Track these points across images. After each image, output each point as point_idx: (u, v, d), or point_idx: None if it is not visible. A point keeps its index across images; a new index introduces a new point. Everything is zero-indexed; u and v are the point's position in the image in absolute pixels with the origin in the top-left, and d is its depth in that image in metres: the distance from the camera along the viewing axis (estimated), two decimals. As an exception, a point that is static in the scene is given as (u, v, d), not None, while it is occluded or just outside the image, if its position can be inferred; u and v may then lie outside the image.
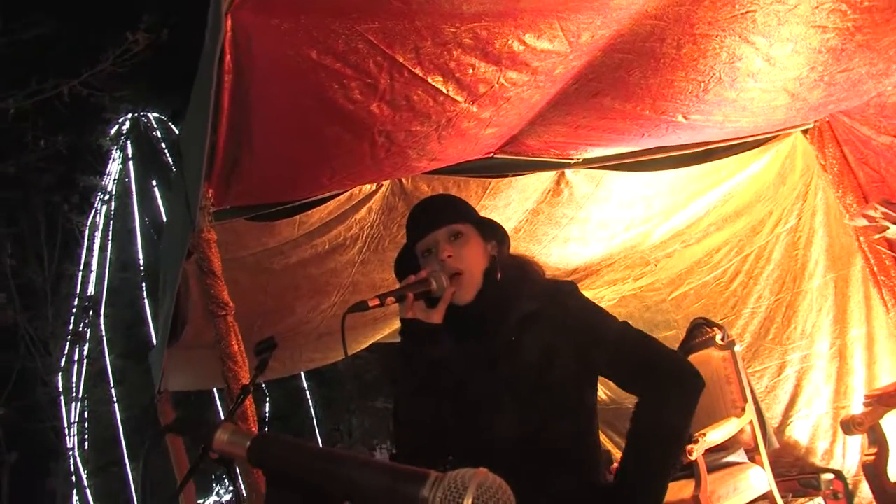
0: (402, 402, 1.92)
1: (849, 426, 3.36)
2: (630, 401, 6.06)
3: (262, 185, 3.10)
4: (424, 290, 1.85)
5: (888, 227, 3.53)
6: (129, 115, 16.25)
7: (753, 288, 5.04)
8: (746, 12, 2.71)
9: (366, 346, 5.82)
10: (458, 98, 2.78)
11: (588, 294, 5.90)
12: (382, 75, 2.52)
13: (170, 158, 15.82)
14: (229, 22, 2.19)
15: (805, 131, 4.45)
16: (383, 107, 2.68)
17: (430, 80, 2.62)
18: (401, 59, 2.48)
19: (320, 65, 2.39)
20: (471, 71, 2.65)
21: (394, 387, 1.97)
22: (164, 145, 16.52)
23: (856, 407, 4.06)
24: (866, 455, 3.45)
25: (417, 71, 2.55)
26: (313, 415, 17.53)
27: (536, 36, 2.59)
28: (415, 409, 1.89)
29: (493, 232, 2.00)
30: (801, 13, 2.77)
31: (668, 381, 1.83)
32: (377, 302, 1.79)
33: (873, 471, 3.37)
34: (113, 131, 15.91)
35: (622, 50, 2.85)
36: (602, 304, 5.99)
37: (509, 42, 2.57)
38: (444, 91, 2.70)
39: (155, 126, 16.91)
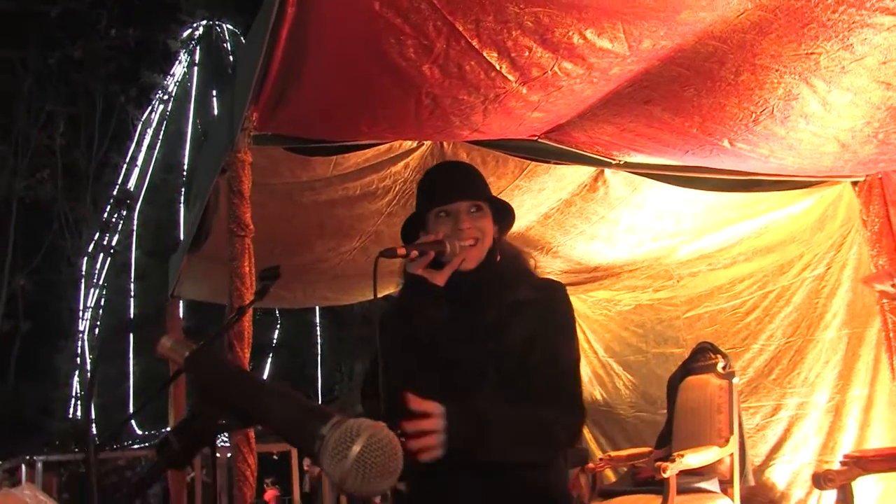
0: (386, 355, 1.96)
1: (820, 480, 3.39)
2: (622, 408, 6.10)
3: (304, 119, 3.17)
4: (439, 252, 1.91)
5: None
6: (204, 22, 16.38)
7: (767, 325, 5.05)
8: (811, 53, 2.71)
9: (381, 295, 5.91)
10: (510, 77, 2.82)
11: (606, 295, 6.02)
12: (440, 39, 2.57)
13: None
14: (300, -42, 2.26)
15: (854, 183, 4.41)
16: (434, 70, 2.73)
17: (485, 53, 2.67)
18: (460, 28, 2.53)
19: (381, 17, 2.44)
20: (527, 53, 2.69)
21: (379, 334, 1.99)
22: (231, 58, 16.65)
23: (835, 463, 4.07)
24: (832, 510, 3.49)
25: (474, 42, 2.60)
26: (319, 351, 17.77)
27: (597, 33, 2.61)
28: (397, 363, 1.91)
29: (503, 215, 2.05)
30: (868, 65, 2.76)
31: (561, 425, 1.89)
32: (404, 252, 1.87)
33: (835, 528, 3.41)
34: (185, 34, 16.09)
35: (681, 64, 2.86)
36: (616, 308, 6.07)
37: (570, 33, 2.60)
38: (497, 67, 2.75)
39: (227, 38, 17.03)
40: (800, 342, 4.85)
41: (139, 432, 15.26)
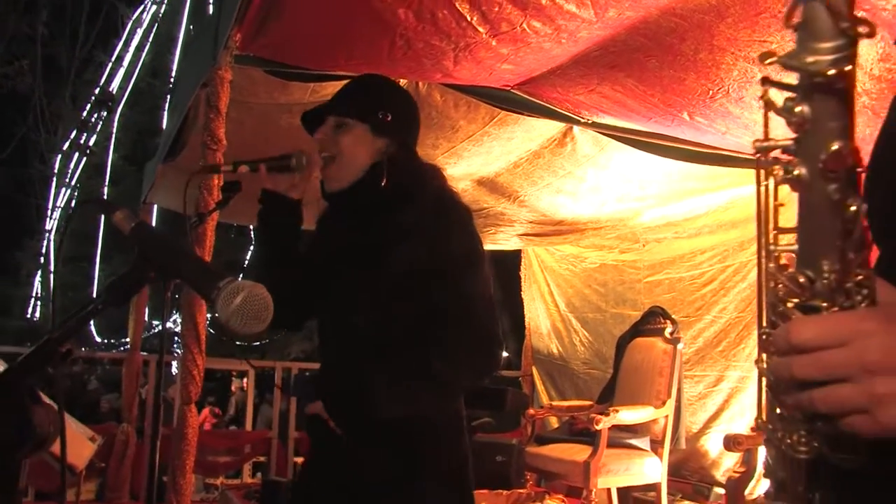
0: (255, 266, 2.16)
1: (730, 443, 3.79)
2: (575, 363, 6.44)
3: (284, 46, 3.46)
4: (283, 165, 2.01)
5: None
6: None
7: (722, 299, 5.43)
8: (763, 41, 3.02)
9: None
10: (480, 29, 3.13)
11: (573, 251, 6.39)
12: (415, -15, 2.87)
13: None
14: None
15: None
16: (409, 14, 3.03)
17: (457, 4, 2.97)
18: (434, -23, 2.83)
19: (362, -42, 2.74)
20: (496, 9, 2.99)
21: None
22: (232, -35, 16.52)
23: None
24: (734, 472, 3.90)
25: (448, -8, 2.90)
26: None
27: (565, -4, 2.92)
28: (262, 274, 2.06)
29: (387, 129, 2.01)
30: (816, 59, 3.08)
31: (484, 353, 1.93)
32: (229, 168, 2.02)
33: (734, 486, 3.82)
34: (186, -69, 16.05)
35: (644, 35, 3.17)
36: (582, 264, 6.43)
37: (538, -7, 2.90)
38: (468, 18, 3.05)
39: (228, -58, 16.89)
40: (749, 318, 5.23)
41: (98, 339, 15.61)
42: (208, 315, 3.49)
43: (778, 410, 0.79)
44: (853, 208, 0.72)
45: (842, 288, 0.74)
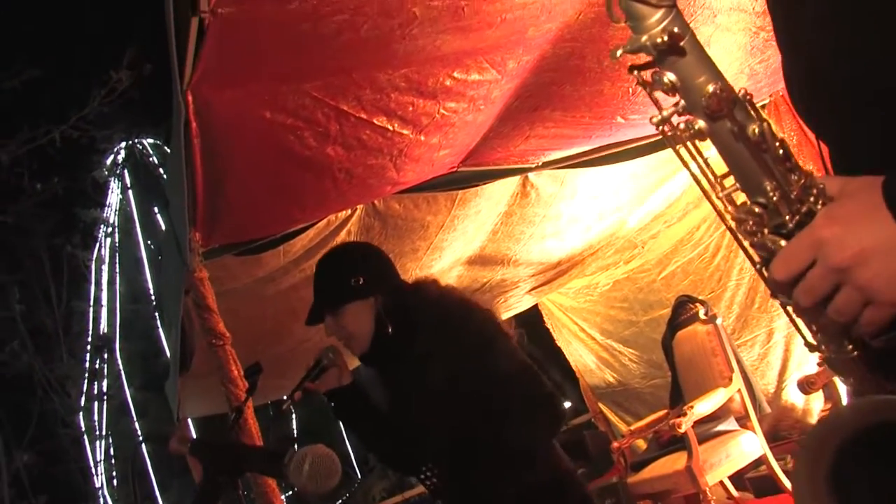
0: (363, 444, 2.47)
1: (804, 386, 3.82)
2: (635, 381, 6.54)
3: (241, 225, 3.63)
4: (321, 370, 2.33)
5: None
6: (124, 144, 16.70)
7: (735, 260, 5.53)
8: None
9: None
10: (405, 132, 3.30)
11: (583, 282, 6.50)
12: (331, 123, 3.05)
13: (168, 182, 16.20)
14: (190, 97, 2.72)
15: (763, 106, 4.88)
16: (337, 148, 3.21)
17: (375, 121, 3.14)
18: (345, 108, 3.00)
19: (274, 122, 2.92)
20: (411, 108, 3.17)
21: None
22: (161, 170, 16.96)
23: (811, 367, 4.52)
24: (823, 410, 3.92)
25: (362, 115, 3.08)
26: (342, 427, 17.97)
27: (465, 71, 3.10)
28: (370, 447, 2.49)
29: (367, 289, 2.31)
30: (704, 19, 3.26)
31: (541, 412, 2.19)
32: (290, 403, 2.27)
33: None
34: (109, 161, 16.43)
35: (549, 69, 3.35)
36: (597, 290, 6.53)
37: (440, 79, 3.08)
38: (390, 128, 3.22)
39: (151, 151, 17.34)
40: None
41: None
42: (283, 497, 3.56)
43: (814, 328, 0.89)
44: (755, 130, 0.84)
45: (790, 197, 0.84)
